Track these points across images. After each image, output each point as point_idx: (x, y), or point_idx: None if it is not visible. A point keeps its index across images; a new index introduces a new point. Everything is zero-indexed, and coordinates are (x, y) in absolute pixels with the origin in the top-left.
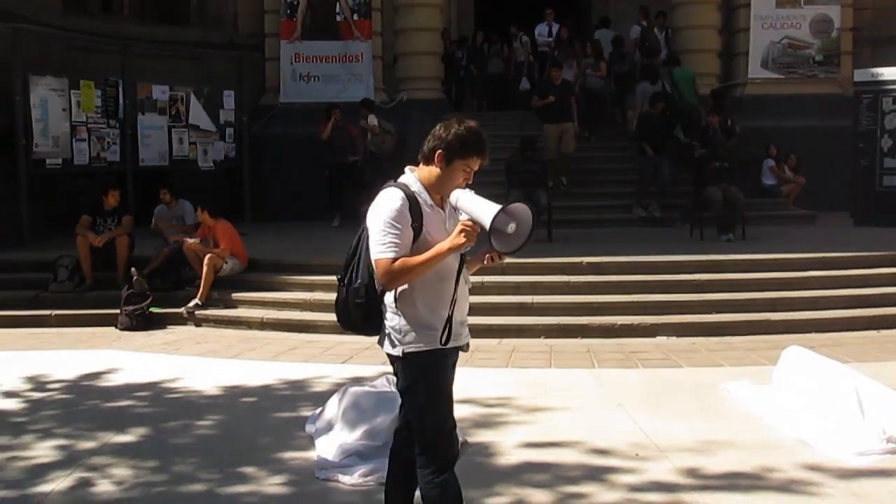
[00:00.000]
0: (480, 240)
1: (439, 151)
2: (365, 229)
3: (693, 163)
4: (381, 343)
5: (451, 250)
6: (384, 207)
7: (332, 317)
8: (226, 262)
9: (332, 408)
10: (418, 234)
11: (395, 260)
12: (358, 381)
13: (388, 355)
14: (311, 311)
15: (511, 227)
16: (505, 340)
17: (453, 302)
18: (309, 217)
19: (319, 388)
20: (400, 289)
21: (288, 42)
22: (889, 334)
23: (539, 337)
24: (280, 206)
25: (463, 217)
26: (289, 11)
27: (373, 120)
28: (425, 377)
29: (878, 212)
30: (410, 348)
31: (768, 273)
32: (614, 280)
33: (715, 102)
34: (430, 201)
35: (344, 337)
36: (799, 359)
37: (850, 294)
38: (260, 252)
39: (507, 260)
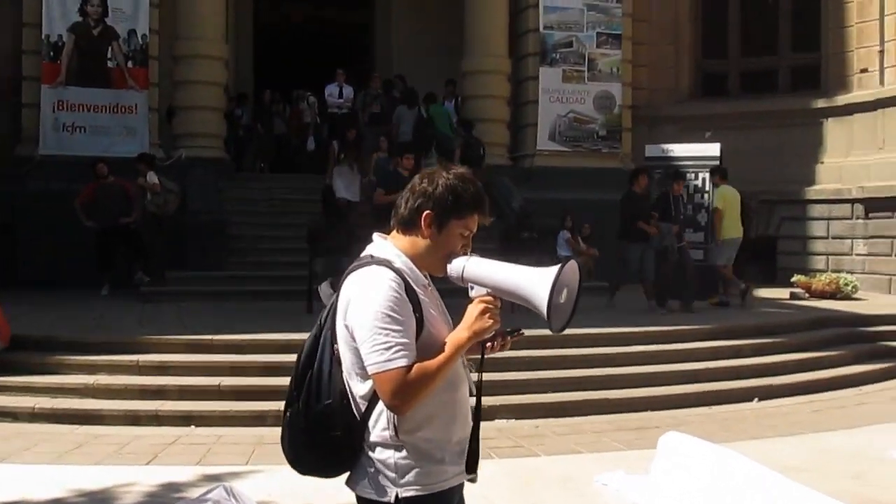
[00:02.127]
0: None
1: (427, 212)
2: (324, 327)
3: (501, 234)
4: (351, 484)
5: (471, 340)
6: (375, 296)
7: (122, 404)
8: None
9: None
10: (420, 327)
11: (409, 369)
12: (178, 491)
13: (365, 500)
14: (95, 397)
15: (563, 296)
16: None
17: (476, 417)
18: (71, 285)
19: (127, 500)
20: None
21: (50, 87)
22: (721, 410)
23: None
24: (37, 272)
25: (476, 293)
26: (52, 53)
27: (153, 177)
28: None
29: (671, 284)
30: (409, 491)
31: (599, 349)
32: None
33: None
34: (423, 280)
35: (139, 429)
36: (681, 446)
37: (682, 369)
38: (23, 326)
39: (300, 336)
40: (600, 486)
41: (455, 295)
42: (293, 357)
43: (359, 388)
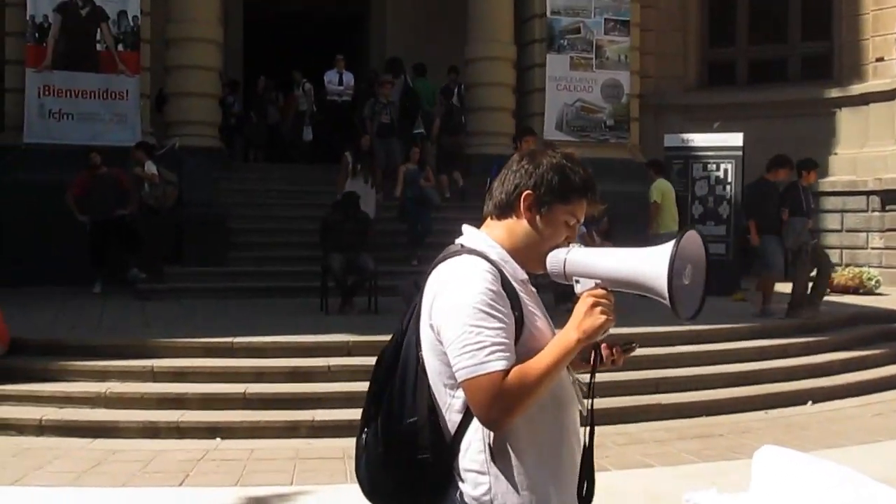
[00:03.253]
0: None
1: (527, 193)
2: (407, 332)
3: None
4: None
5: (580, 343)
6: (466, 289)
7: (139, 415)
8: None
9: None
10: (519, 328)
11: (506, 373)
12: None
13: None
14: (108, 407)
15: (687, 275)
16: None
17: (590, 441)
18: (58, 282)
19: None
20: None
21: (35, 71)
22: (778, 415)
23: None
24: (22, 268)
25: (583, 287)
26: (37, 35)
27: (151, 167)
28: None
29: None
30: None
31: (644, 350)
32: None
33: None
34: (522, 274)
35: (160, 443)
36: (780, 461)
37: (732, 371)
38: (20, 328)
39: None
40: None
41: None
42: (320, 361)
43: (448, 402)
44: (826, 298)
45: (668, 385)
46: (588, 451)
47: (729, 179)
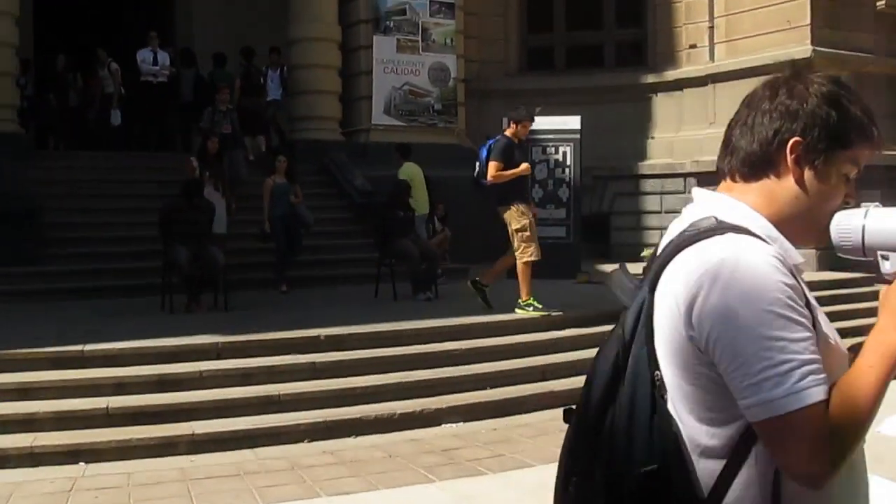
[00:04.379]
0: None
1: (795, 142)
2: (631, 343)
3: (373, 212)
4: None
5: None
6: (758, 285)
7: None
8: None
9: None
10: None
11: (827, 403)
12: None
13: None
14: None
15: None
16: (259, 451)
17: None
18: None
19: None
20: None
21: None
22: None
23: (302, 441)
24: None
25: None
26: None
27: None
28: None
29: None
30: None
31: (524, 336)
32: (366, 356)
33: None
34: (796, 258)
35: (14, 472)
36: None
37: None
38: None
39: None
40: None
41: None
42: (189, 366)
43: (704, 443)
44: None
45: (558, 371)
46: None
47: (568, 163)
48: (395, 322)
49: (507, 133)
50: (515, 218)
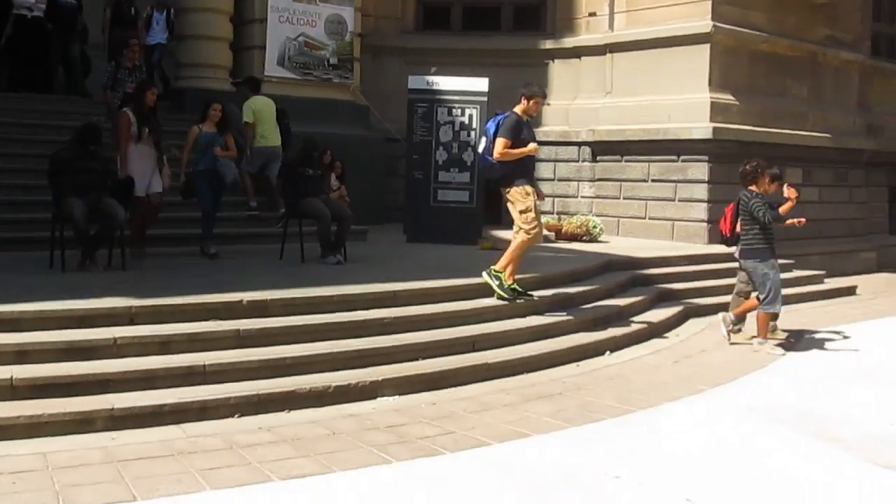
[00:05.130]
0: None
1: None
2: None
3: (280, 170)
4: None
5: None
6: None
7: None
8: None
9: None
10: None
11: None
12: None
13: None
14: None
15: None
16: (187, 427)
17: None
18: None
19: None
20: None
21: None
22: (587, 367)
23: (232, 415)
24: None
25: None
26: None
27: None
28: None
29: (432, 227)
30: None
31: (452, 304)
32: (294, 324)
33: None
34: None
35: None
36: None
37: (531, 325)
38: None
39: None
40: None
41: None
42: (102, 332)
43: None
44: (560, 245)
45: (491, 341)
46: None
47: (474, 125)
48: (319, 287)
49: (517, 110)
50: (520, 199)
